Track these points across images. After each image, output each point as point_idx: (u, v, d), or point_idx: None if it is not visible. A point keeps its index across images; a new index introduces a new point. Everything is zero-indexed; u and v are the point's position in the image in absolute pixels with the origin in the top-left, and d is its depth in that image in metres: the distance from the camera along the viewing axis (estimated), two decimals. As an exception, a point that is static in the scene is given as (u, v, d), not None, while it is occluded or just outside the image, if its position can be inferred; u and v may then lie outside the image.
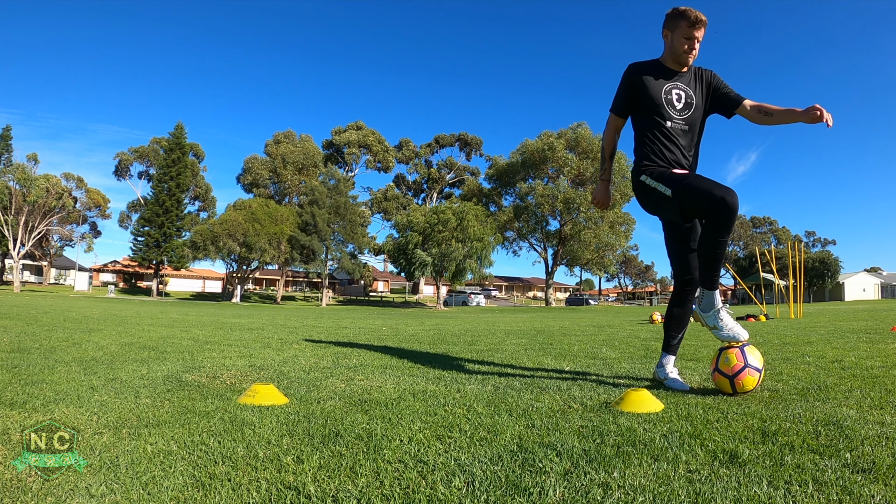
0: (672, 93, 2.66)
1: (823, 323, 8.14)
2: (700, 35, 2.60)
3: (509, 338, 5.81)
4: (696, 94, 2.70)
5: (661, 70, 2.70)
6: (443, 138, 61.38)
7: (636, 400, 2.03)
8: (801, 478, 1.28)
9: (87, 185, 48.61)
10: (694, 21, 2.56)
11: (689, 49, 2.61)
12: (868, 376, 2.71)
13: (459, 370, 3.12)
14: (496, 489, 1.24)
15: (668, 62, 2.70)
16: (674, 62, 2.68)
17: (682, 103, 2.67)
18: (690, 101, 2.68)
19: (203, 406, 2.09)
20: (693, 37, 2.58)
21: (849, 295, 55.18)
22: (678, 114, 2.66)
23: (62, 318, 7.69)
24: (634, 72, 2.70)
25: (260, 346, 4.65)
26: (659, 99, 2.64)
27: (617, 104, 2.77)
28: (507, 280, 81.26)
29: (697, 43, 2.61)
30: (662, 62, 2.72)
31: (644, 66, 2.72)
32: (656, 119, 2.66)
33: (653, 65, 2.72)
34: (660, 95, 2.65)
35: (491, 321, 12.05)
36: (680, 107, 2.66)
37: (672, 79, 2.69)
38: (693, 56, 2.63)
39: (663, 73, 2.69)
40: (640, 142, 2.73)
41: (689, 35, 2.58)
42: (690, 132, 2.70)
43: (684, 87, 2.69)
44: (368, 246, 49.39)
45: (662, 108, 2.65)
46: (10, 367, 2.95)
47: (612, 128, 2.84)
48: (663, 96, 2.65)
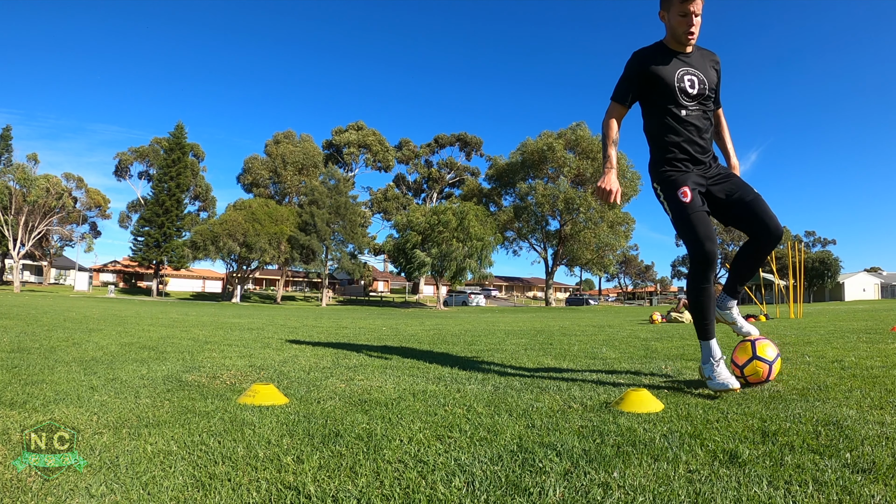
0: (685, 79, 2.47)
1: (823, 323, 8.13)
2: (697, 8, 2.38)
3: (509, 338, 5.81)
4: (707, 77, 2.52)
5: (668, 54, 2.50)
6: (443, 138, 61.39)
7: (636, 400, 2.03)
8: (801, 478, 1.28)
9: (87, 185, 48.69)
10: None
11: (689, 26, 2.40)
12: (868, 376, 2.71)
13: (459, 370, 3.12)
14: (496, 489, 1.24)
15: (672, 44, 2.51)
16: (677, 43, 2.49)
17: (696, 89, 2.49)
18: (703, 85, 2.50)
19: (203, 406, 2.09)
20: (689, 11, 2.37)
21: (849, 295, 55.18)
22: (692, 101, 2.49)
23: (62, 318, 7.69)
24: (642, 60, 2.50)
25: (260, 346, 4.65)
26: (672, 87, 2.46)
27: (621, 93, 2.57)
28: (507, 280, 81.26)
29: (696, 17, 2.39)
30: (667, 45, 2.53)
31: (650, 52, 2.52)
32: (671, 109, 2.48)
33: (659, 49, 2.53)
34: (673, 83, 2.46)
35: (491, 321, 12.04)
36: (694, 93, 2.48)
37: (682, 63, 2.49)
38: (695, 33, 2.43)
39: (672, 58, 2.49)
40: (656, 133, 2.57)
41: (685, 11, 2.37)
42: (707, 118, 2.54)
43: (695, 72, 2.50)
44: (368, 246, 49.43)
45: (677, 96, 2.47)
46: (10, 367, 2.95)
47: (613, 115, 2.62)
48: (676, 84, 2.46)
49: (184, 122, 54.00)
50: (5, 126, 46.28)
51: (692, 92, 2.48)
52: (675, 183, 2.48)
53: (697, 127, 2.51)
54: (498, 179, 52.73)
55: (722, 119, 2.75)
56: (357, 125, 57.62)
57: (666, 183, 2.52)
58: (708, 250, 2.36)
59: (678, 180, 2.48)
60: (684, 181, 2.47)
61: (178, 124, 47.39)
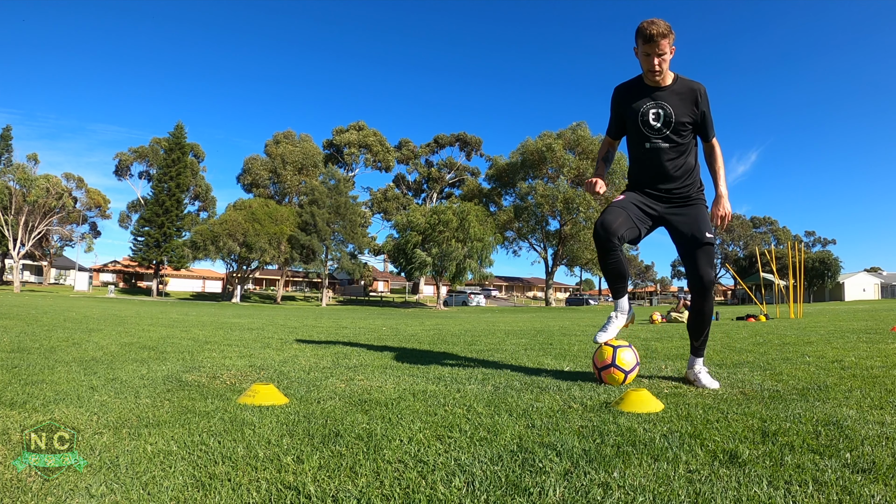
0: (650, 112, 2.65)
1: (823, 323, 8.14)
2: (659, 49, 2.53)
3: (509, 338, 5.81)
4: (676, 110, 2.63)
5: (641, 89, 2.68)
6: (442, 138, 61.39)
7: (636, 400, 2.03)
8: (801, 478, 1.28)
9: (87, 185, 48.66)
10: (648, 37, 2.51)
11: (652, 65, 2.56)
12: (868, 376, 2.71)
13: (459, 370, 3.12)
14: (496, 489, 1.24)
15: (647, 79, 2.67)
16: (648, 79, 2.66)
17: (661, 122, 2.64)
18: (670, 118, 2.63)
19: (203, 406, 2.09)
20: (651, 52, 2.54)
21: (849, 295, 55.17)
22: (656, 133, 2.66)
23: (62, 318, 7.69)
24: (616, 95, 2.76)
25: (260, 346, 4.65)
26: (636, 121, 2.67)
27: (609, 128, 2.85)
28: (507, 280, 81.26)
29: (657, 57, 2.54)
30: (643, 78, 2.70)
31: (626, 86, 2.74)
32: (635, 140, 2.72)
33: (634, 83, 2.72)
34: (637, 118, 2.67)
35: (491, 321, 12.05)
36: (658, 126, 2.64)
37: (652, 96, 2.66)
38: (660, 70, 2.57)
39: (643, 92, 2.67)
40: (629, 161, 2.85)
41: (648, 51, 2.54)
42: (674, 149, 2.67)
43: (663, 105, 2.64)
44: (368, 246, 49.43)
45: (640, 129, 2.68)
46: (10, 367, 2.95)
47: (604, 147, 2.94)
48: (640, 118, 2.66)
49: (184, 122, 54.04)
50: (5, 126, 46.35)
51: (655, 125, 2.65)
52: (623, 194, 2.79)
53: (660, 159, 2.67)
54: (498, 179, 52.74)
55: (715, 149, 2.80)
56: (358, 125, 57.62)
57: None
58: (597, 225, 2.64)
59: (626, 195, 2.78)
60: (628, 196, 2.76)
61: (178, 124, 47.44)
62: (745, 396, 2.27)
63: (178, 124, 47.41)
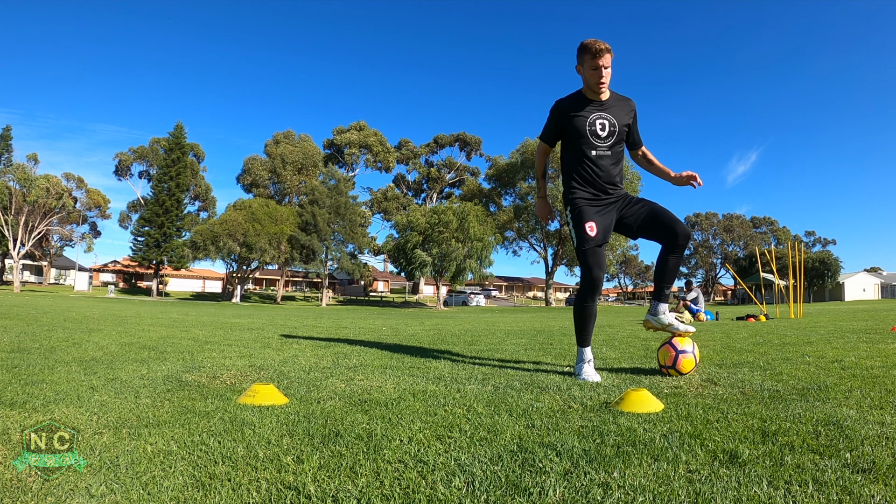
0: (596, 123, 2.88)
1: (823, 323, 8.14)
2: (606, 62, 2.77)
3: (509, 338, 5.81)
4: (619, 121, 2.91)
5: (584, 102, 2.90)
6: (442, 138, 61.40)
7: (636, 400, 2.03)
8: (801, 478, 1.28)
9: (87, 185, 48.69)
10: (595, 52, 2.74)
11: (599, 77, 2.79)
12: (868, 376, 2.71)
13: (459, 370, 3.12)
14: (496, 489, 1.24)
15: (588, 93, 2.90)
16: (592, 92, 2.88)
17: (607, 132, 2.89)
18: (614, 128, 2.90)
19: (203, 406, 2.09)
20: (599, 66, 2.76)
21: (849, 295, 55.17)
22: (602, 142, 2.89)
23: (62, 318, 7.69)
24: (559, 108, 2.94)
25: (260, 346, 4.65)
26: (584, 131, 2.88)
27: (545, 135, 3.07)
28: (507, 280, 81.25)
29: (605, 70, 2.78)
30: (584, 93, 2.91)
31: (568, 101, 2.93)
32: (582, 149, 2.90)
33: (576, 97, 2.92)
34: (584, 128, 2.87)
35: (491, 321, 12.04)
36: (604, 135, 2.89)
37: (596, 109, 2.89)
38: (604, 83, 2.81)
39: (587, 105, 2.89)
40: (568, 167, 3.00)
41: (595, 66, 2.77)
42: (616, 157, 2.95)
43: (608, 116, 2.89)
44: (368, 246, 49.43)
45: (587, 139, 2.88)
46: (10, 367, 2.95)
47: (541, 153, 3.17)
48: (588, 128, 2.87)
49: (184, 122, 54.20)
50: (5, 126, 46.28)
51: (602, 134, 2.90)
52: (582, 215, 2.91)
53: (605, 164, 2.92)
54: (498, 179, 52.75)
55: (648, 153, 3.13)
56: (359, 125, 57.61)
57: (575, 211, 2.95)
58: (595, 276, 2.85)
59: (585, 213, 2.90)
60: (591, 216, 2.90)
61: (178, 124, 47.47)
62: (745, 396, 2.27)
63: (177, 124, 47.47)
